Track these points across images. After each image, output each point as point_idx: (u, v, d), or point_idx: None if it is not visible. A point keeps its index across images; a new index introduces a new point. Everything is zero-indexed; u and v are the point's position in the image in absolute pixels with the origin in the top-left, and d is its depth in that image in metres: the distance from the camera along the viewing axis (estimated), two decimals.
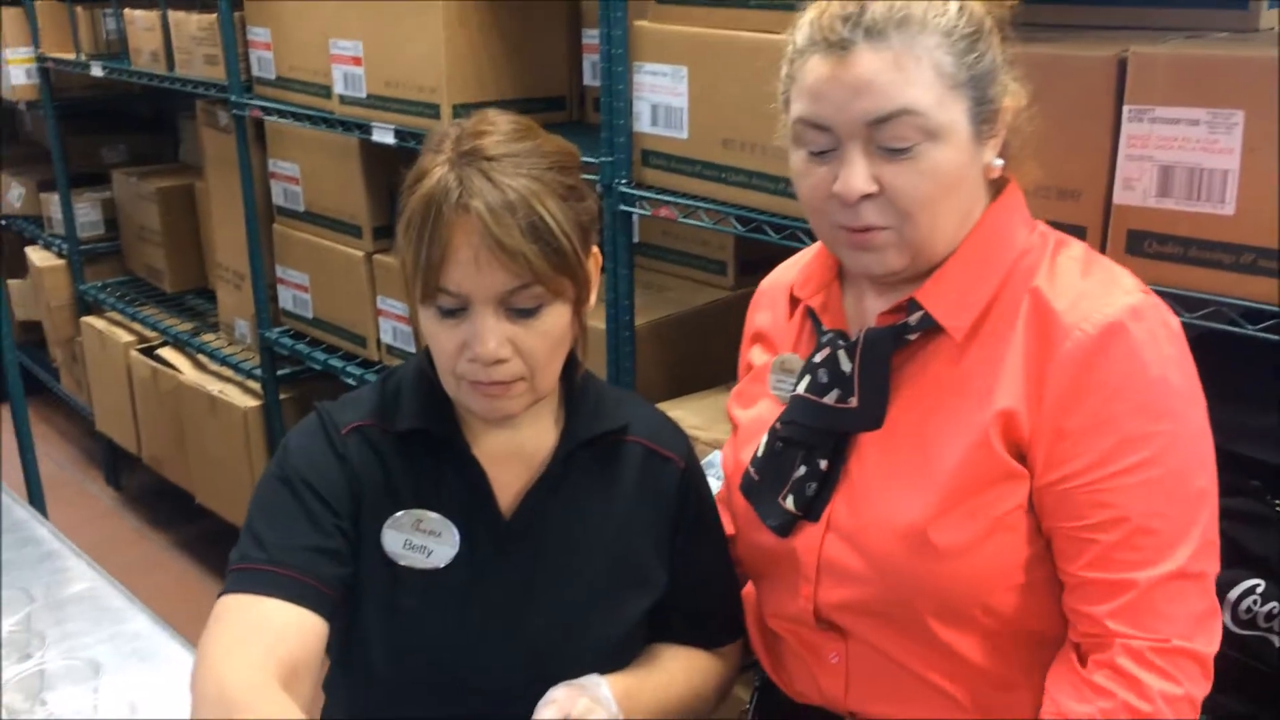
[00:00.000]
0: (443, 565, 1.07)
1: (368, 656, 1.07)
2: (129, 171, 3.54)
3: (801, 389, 1.09)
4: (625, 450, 1.14)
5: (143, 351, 3.38)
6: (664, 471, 1.14)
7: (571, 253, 1.00)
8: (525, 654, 1.09)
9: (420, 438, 1.09)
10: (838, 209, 0.99)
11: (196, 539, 3.40)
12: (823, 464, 1.07)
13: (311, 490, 1.06)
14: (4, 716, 1.23)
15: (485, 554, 1.09)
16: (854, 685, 1.09)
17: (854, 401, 1.05)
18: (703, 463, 1.83)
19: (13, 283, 3.91)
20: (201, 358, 3.21)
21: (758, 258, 2.18)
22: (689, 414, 1.91)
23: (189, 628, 1.29)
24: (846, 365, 1.06)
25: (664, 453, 1.15)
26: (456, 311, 1.00)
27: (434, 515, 1.07)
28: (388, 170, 2.44)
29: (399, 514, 1.07)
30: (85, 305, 3.69)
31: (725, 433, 1.83)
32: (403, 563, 1.07)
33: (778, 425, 1.11)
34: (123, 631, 1.48)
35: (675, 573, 1.15)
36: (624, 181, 1.82)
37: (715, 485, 1.83)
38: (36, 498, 2.90)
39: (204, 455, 3.16)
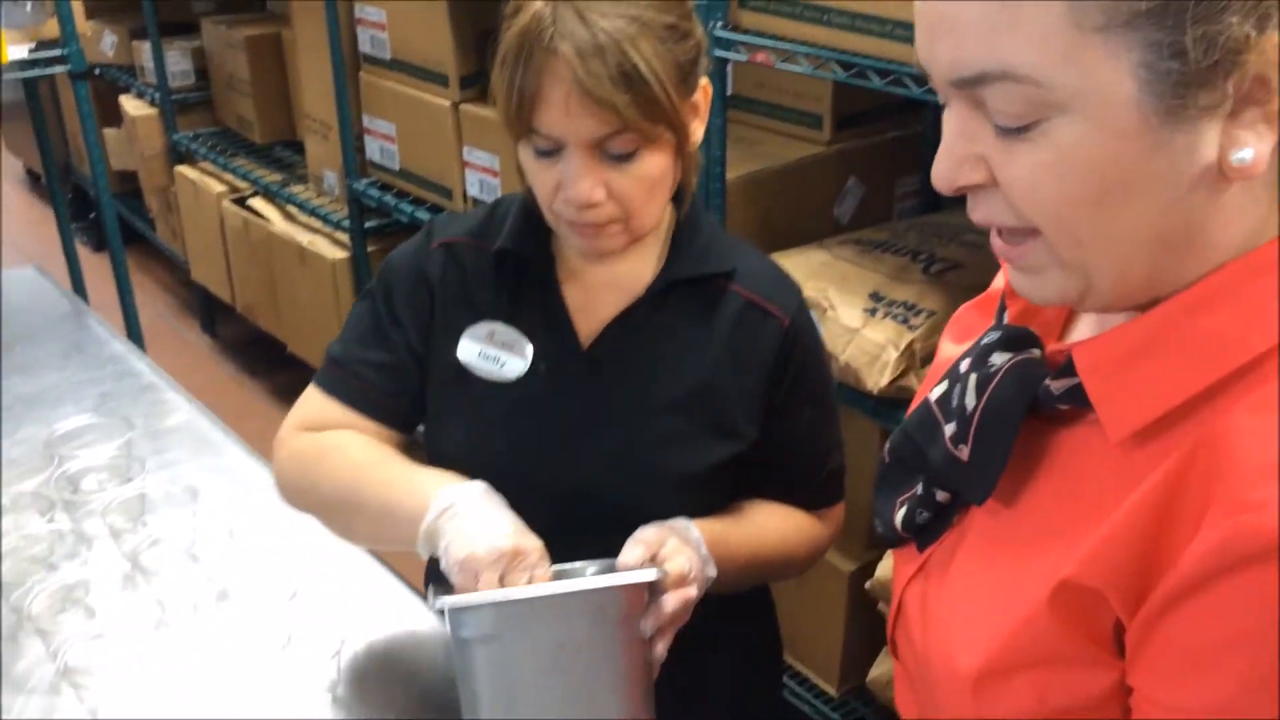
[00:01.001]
0: (513, 378, 1.09)
1: (443, 465, 1.10)
2: (217, 20, 3.52)
3: (935, 394, 0.78)
4: (725, 298, 1.10)
5: (235, 202, 3.41)
6: (764, 326, 1.09)
7: (666, 100, 0.97)
8: (593, 477, 1.09)
9: (512, 259, 1.10)
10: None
11: (287, 387, 3.49)
12: (940, 496, 0.77)
13: (389, 304, 1.12)
14: (107, 535, 1.27)
15: (559, 376, 1.09)
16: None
17: (964, 452, 0.73)
18: None
19: (108, 131, 3.96)
20: (291, 209, 3.23)
21: (855, 111, 2.11)
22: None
23: None
24: (970, 400, 0.73)
25: (767, 306, 1.09)
26: (551, 152, 0.99)
27: (508, 328, 1.10)
28: (475, 17, 2.39)
29: (476, 324, 1.10)
30: (178, 155, 3.72)
31: (814, 291, 1.81)
32: (476, 373, 1.10)
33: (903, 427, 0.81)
34: (220, 463, 1.53)
35: (770, 432, 1.12)
36: (720, 24, 1.75)
37: None
38: (136, 342, 2.99)
39: (294, 305, 3.21)
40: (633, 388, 1.09)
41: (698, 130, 1.04)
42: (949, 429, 0.74)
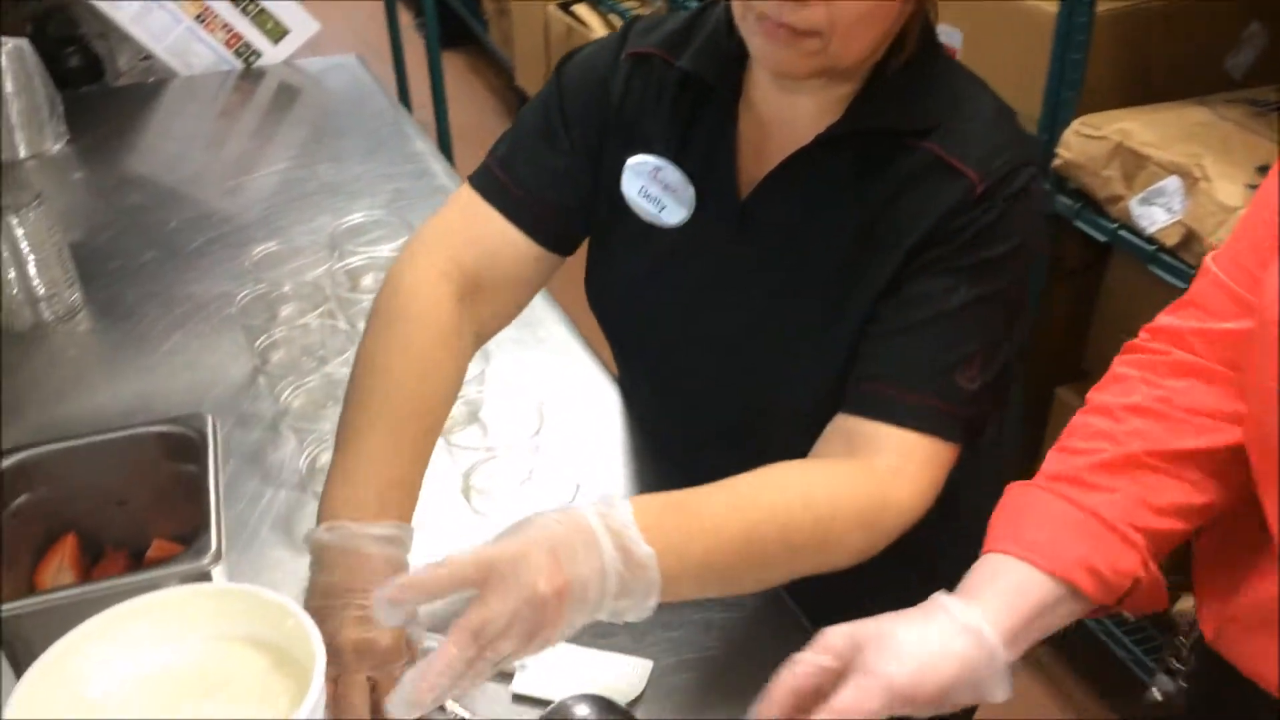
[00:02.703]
0: (670, 224, 0.97)
1: (590, 293, 1.05)
2: None
3: None
4: (911, 156, 0.88)
5: (560, 7, 3.35)
6: (945, 186, 0.87)
7: None
8: (731, 347, 0.97)
9: (695, 84, 0.96)
10: None
11: None
12: None
13: (564, 108, 1.02)
14: None
15: (712, 230, 0.96)
16: None
17: None
18: (1152, 189, 1.53)
19: None
20: (612, 18, 3.15)
21: None
22: (1143, 127, 1.59)
23: (567, 291, 1.24)
24: None
25: (958, 165, 0.87)
26: None
27: (675, 169, 0.97)
28: None
29: (644, 158, 0.98)
30: None
31: (1184, 155, 1.52)
32: (634, 209, 0.99)
33: None
34: None
35: (888, 305, 0.89)
36: None
37: (1163, 219, 1.53)
38: (444, 143, 3.02)
39: None
40: (779, 254, 0.93)
41: None
42: None
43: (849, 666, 0.69)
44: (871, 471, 0.85)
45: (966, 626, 0.70)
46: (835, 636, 0.71)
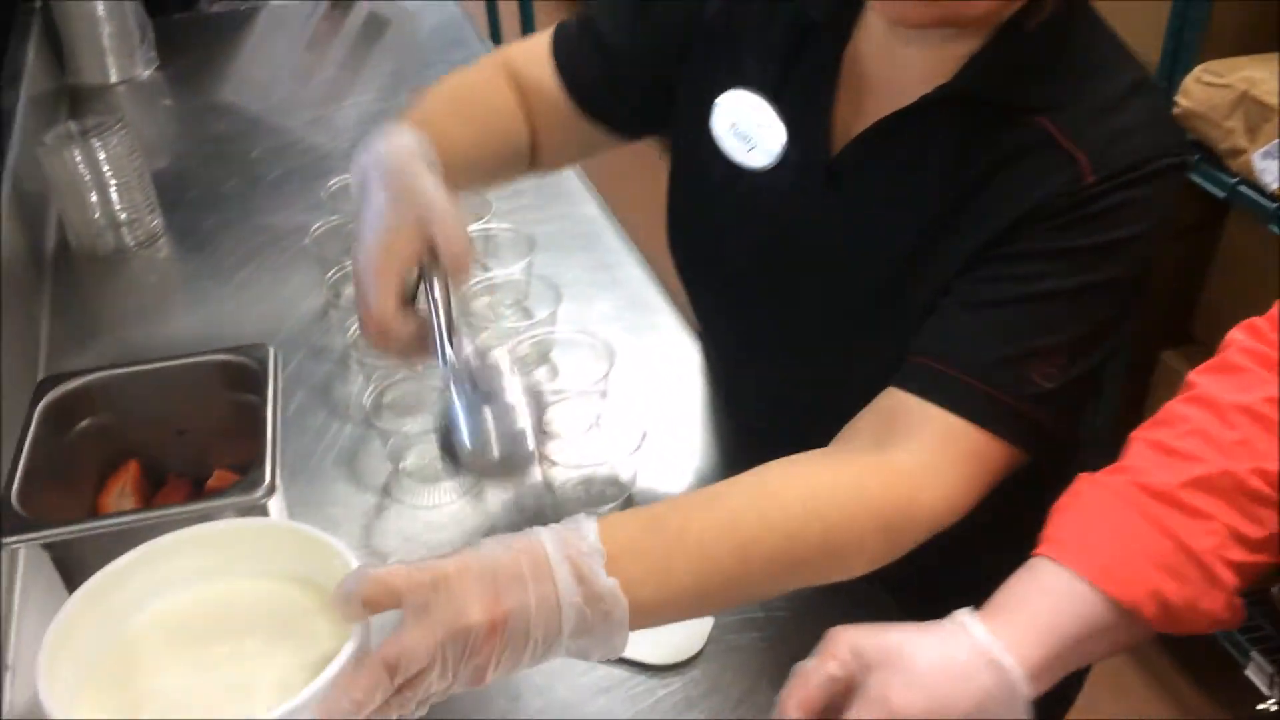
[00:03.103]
0: (754, 167, 0.91)
1: (670, 234, 1.01)
2: None
3: None
4: (1022, 131, 0.78)
5: None
6: (1053, 167, 0.77)
7: None
8: (801, 309, 0.91)
9: (801, 22, 0.89)
10: None
11: None
12: None
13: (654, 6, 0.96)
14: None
15: (797, 183, 0.89)
16: None
17: None
18: (1277, 142, 1.42)
19: None
20: None
21: None
22: (1271, 76, 1.48)
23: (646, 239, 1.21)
24: None
25: (1070, 148, 0.77)
26: None
27: (770, 112, 0.90)
28: None
29: (740, 92, 0.91)
30: None
31: None
32: (721, 145, 0.92)
33: None
34: (570, 212, 1.44)
35: (964, 280, 0.80)
36: None
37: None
38: None
39: None
40: (864, 215, 0.85)
41: None
42: None
43: (856, 685, 0.63)
44: (895, 469, 0.76)
45: (990, 660, 0.63)
46: (842, 647, 0.64)
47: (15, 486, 0.79)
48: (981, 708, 0.62)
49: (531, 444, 0.77)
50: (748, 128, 0.91)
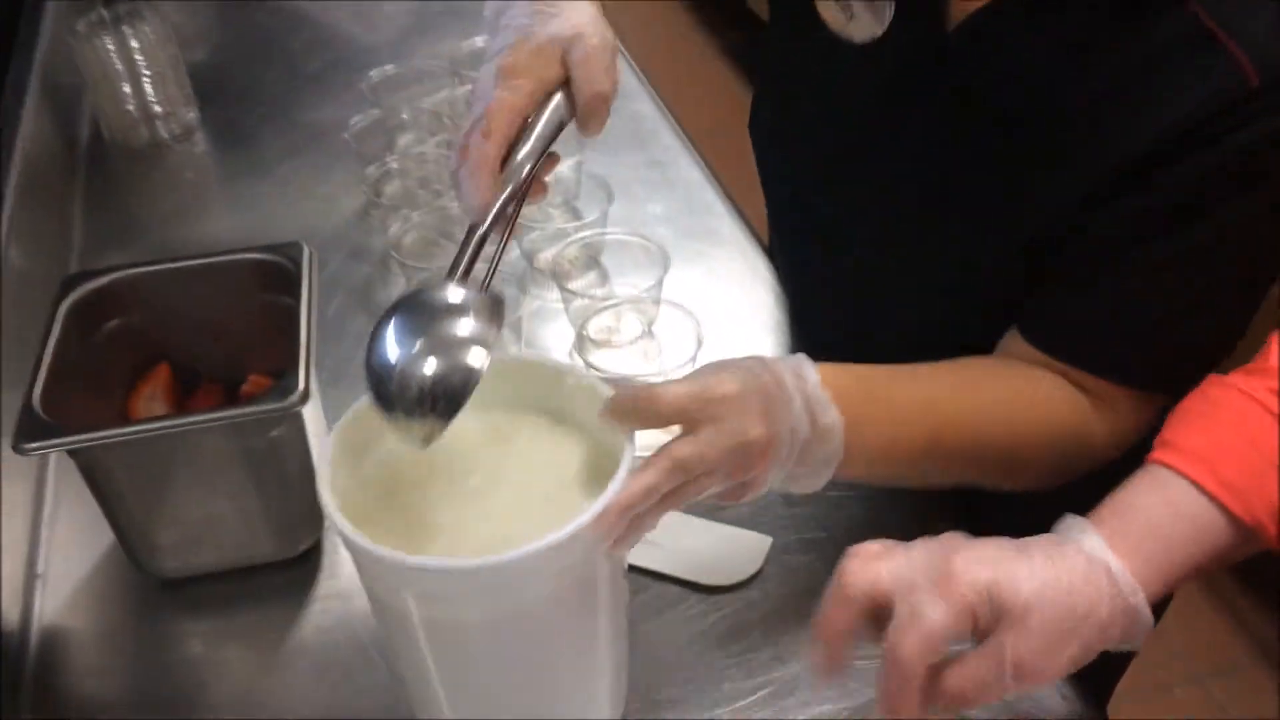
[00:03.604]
0: (856, 38, 0.80)
1: (753, 114, 0.94)
2: None
3: None
4: (1171, 19, 0.67)
5: None
6: (1207, 69, 0.66)
7: None
8: (898, 197, 0.82)
9: None
10: None
11: (741, 47, 3.28)
12: None
13: None
14: None
15: (905, 58, 0.79)
16: None
17: None
18: None
19: None
20: None
21: None
22: None
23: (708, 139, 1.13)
24: None
25: (1230, 46, 0.65)
26: None
27: None
28: None
29: None
30: None
31: None
32: (823, 12, 0.82)
33: None
34: (625, 108, 1.37)
35: (1109, 217, 0.71)
36: None
37: None
38: None
39: None
40: (979, 104, 0.75)
41: None
42: None
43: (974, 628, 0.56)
44: (1075, 395, 0.74)
45: (1115, 585, 0.57)
46: (968, 589, 0.55)
47: (39, 390, 0.75)
48: (1102, 635, 0.56)
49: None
50: None
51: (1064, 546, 0.58)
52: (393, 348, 0.61)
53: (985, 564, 0.56)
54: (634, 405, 0.63)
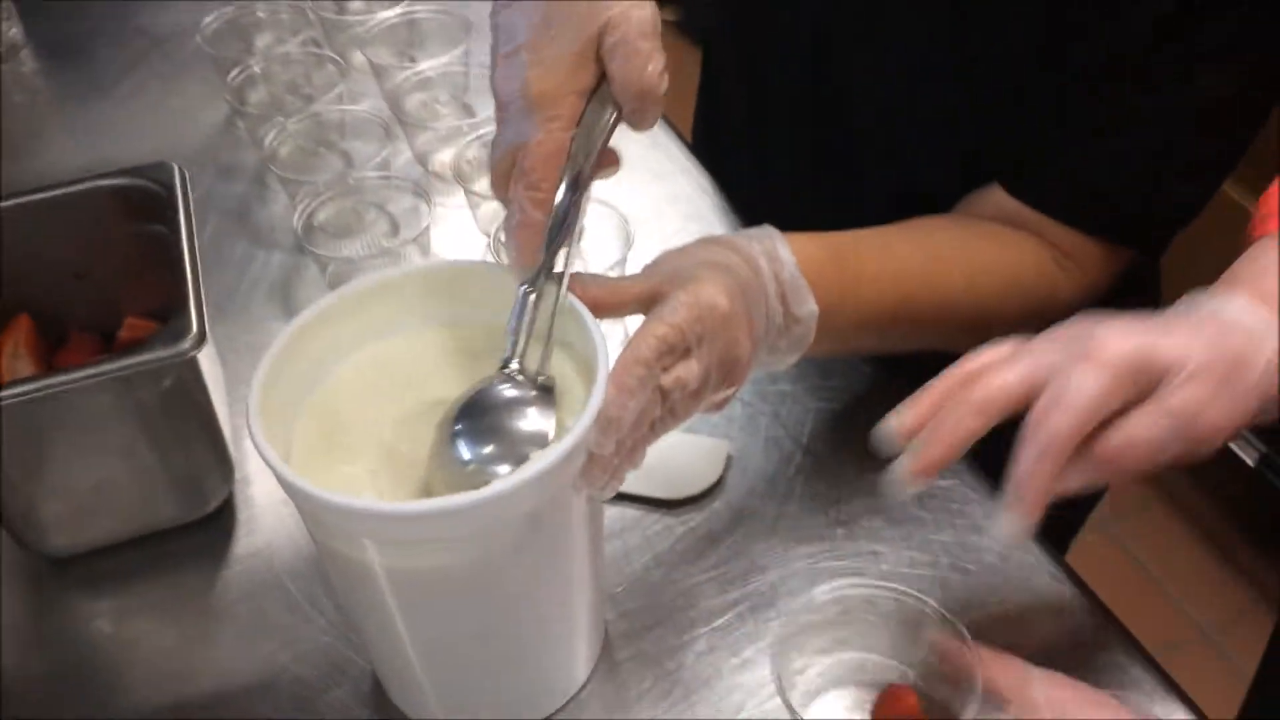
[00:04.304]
0: None
1: None
2: None
3: None
4: None
5: None
6: None
7: None
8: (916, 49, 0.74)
9: None
10: None
11: None
12: None
13: None
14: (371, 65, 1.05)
15: None
16: None
17: None
18: None
19: None
20: None
21: None
22: None
23: None
24: None
25: None
26: None
27: None
28: None
29: None
30: None
31: None
32: None
33: None
34: None
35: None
36: None
37: None
38: None
39: None
40: None
41: None
42: None
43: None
44: (1041, 254, 0.71)
45: (1265, 330, 0.54)
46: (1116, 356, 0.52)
47: None
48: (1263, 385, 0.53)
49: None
50: None
51: (1203, 307, 0.56)
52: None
53: (1132, 332, 0.53)
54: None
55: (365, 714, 0.66)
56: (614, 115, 0.56)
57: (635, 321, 0.58)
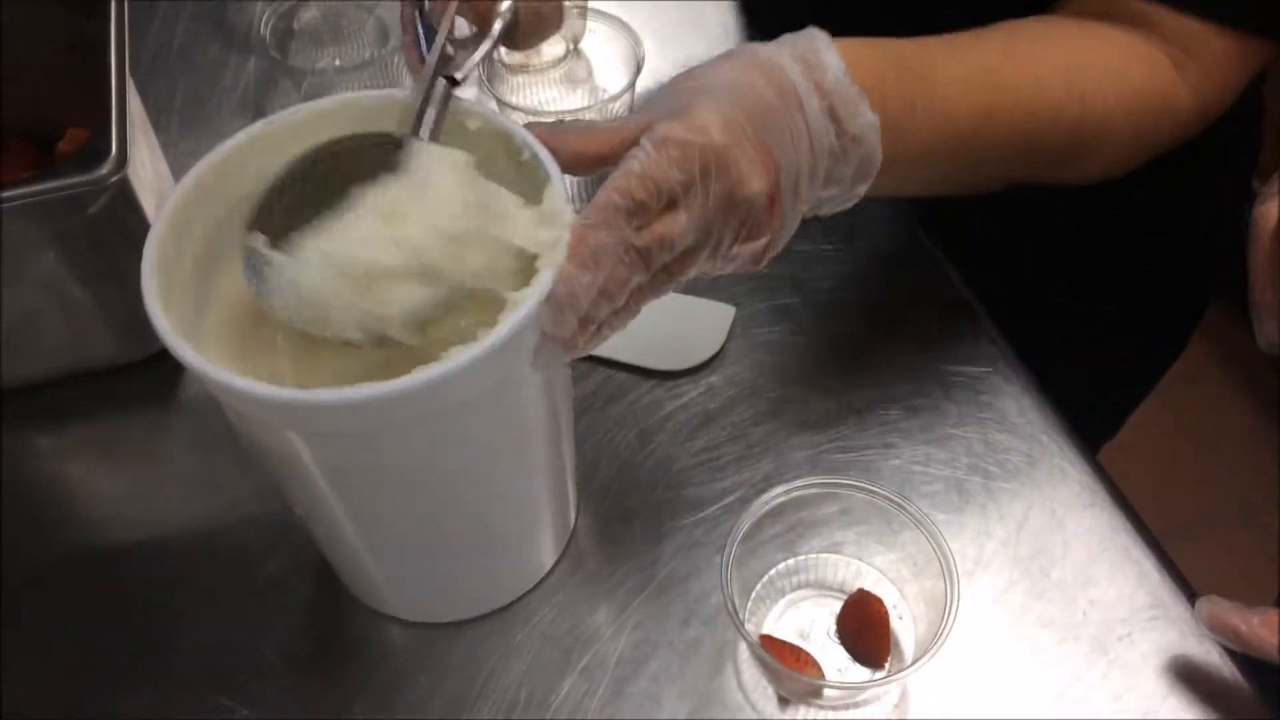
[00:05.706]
0: None
1: None
2: None
3: None
4: None
5: None
6: None
7: None
8: None
9: None
10: None
11: None
12: None
13: None
14: None
15: None
16: None
17: None
18: None
19: None
20: None
21: None
22: None
23: None
24: None
25: None
26: None
27: None
28: None
29: None
30: None
31: None
32: None
33: None
34: None
35: None
36: None
37: None
38: None
39: None
40: None
41: None
42: None
43: None
44: (1156, 54, 0.58)
45: None
46: None
47: None
48: None
49: None
50: None
51: None
52: None
53: None
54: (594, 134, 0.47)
55: (305, 587, 0.60)
56: None
57: None
